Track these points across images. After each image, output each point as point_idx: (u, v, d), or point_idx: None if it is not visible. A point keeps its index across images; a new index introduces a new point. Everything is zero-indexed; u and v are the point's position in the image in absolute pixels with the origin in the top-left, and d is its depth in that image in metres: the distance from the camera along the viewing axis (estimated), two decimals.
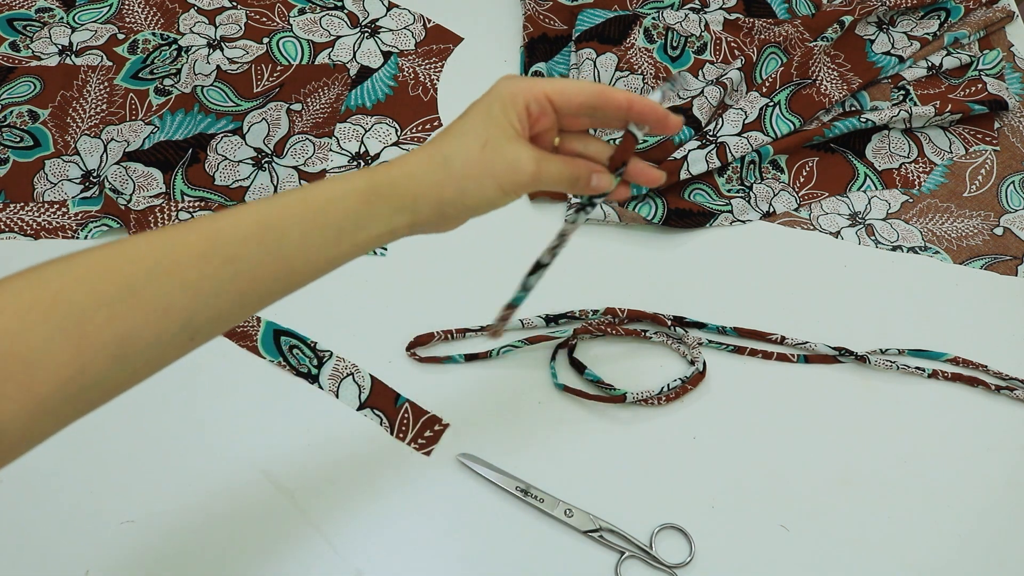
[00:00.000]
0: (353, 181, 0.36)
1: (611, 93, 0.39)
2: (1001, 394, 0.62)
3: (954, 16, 0.80)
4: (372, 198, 0.37)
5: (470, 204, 0.39)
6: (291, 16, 0.78)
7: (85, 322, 0.30)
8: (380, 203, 0.37)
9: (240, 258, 0.33)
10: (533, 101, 0.39)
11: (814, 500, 0.57)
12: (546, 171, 0.39)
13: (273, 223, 0.34)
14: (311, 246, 0.35)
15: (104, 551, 0.53)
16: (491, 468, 0.56)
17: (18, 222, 0.66)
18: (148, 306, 0.31)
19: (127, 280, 0.31)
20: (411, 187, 0.37)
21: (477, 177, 0.38)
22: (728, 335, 0.63)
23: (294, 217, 0.35)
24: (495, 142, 0.38)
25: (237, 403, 0.58)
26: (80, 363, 0.30)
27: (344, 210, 0.36)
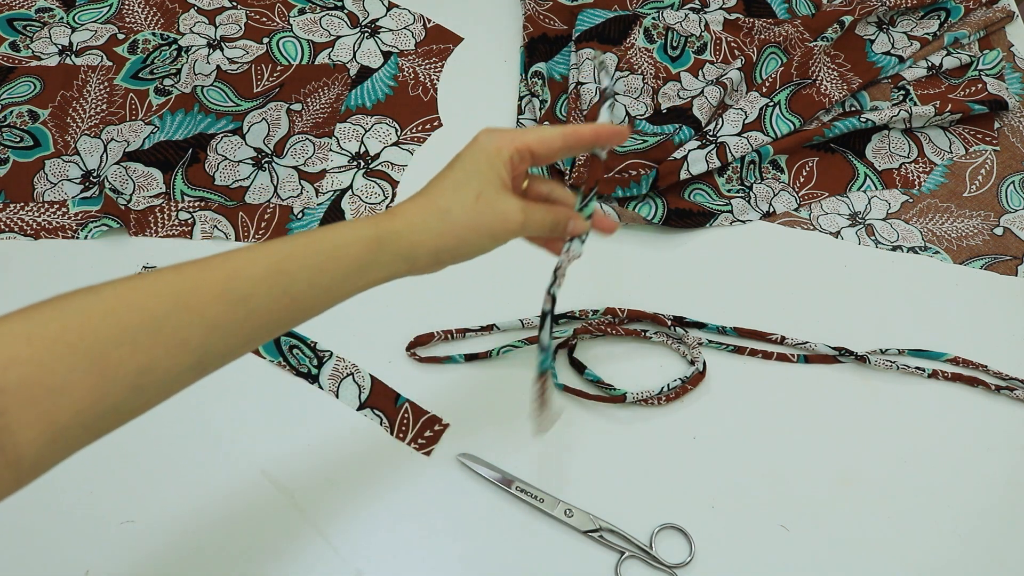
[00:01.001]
0: (360, 230, 0.39)
1: (580, 132, 0.43)
2: (1001, 394, 0.62)
3: (954, 16, 0.80)
4: (376, 247, 0.39)
5: (465, 253, 0.42)
6: (291, 16, 0.78)
7: (109, 354, 0.32)
8: (384, 252, 0.40)
9: (254, 297, 0.35)
10: (516, 153, 0.42)
11: (814, 500, 0.57)
12: (532, 220, 0.43)
13: (285, 268, 0.36)
14: (318, 288, 0.38)
15: (104, 551, 0.53)
16: (491, 468, 0.56)
17: (18, 222, 0.66)
18: (168, 340, 0.33)
19: (151, 315, 0.33)
20: (412, 237, 0.40)
21: (474, 228, 0.41)
22: (728, 335, 0.63)
23: (304, 261, 0.37)
24: (487, 195, 0.41)
25: (237, 403, 0.58)
26: (100, 392, 0.32)
27: (351, 257, 0.39)
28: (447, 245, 0.41)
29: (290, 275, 0.37)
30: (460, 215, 0.40)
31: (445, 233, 0.41)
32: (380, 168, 0.70)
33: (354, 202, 0.68)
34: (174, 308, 0.34)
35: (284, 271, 0.36)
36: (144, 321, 0.33)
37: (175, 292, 0.34)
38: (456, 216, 0.40)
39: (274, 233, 0.66)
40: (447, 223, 0.40)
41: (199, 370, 0.36)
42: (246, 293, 0.35)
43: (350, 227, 0.39)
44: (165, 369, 0.34)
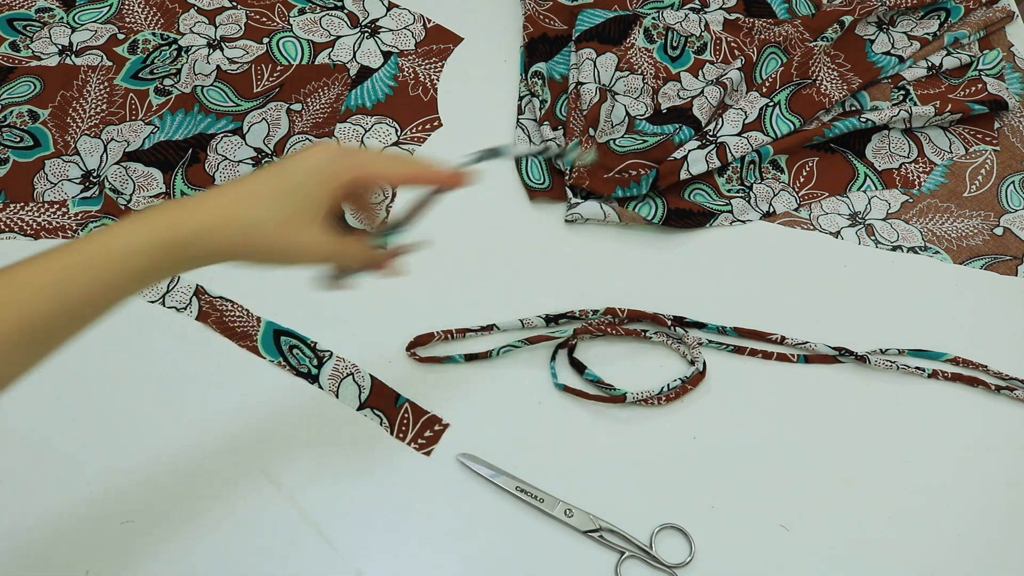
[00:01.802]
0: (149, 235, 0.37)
1: (425, 177, 0.43)
2: (1001, 394, 0.62)
3: (954, 16, 0.80)
4: (173, 252, 0.38)
5: (259, 263, 0.41)
6: (291, 16, 0.78)
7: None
8: (181, 256, 0.38)
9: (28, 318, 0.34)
10: (354, 183, 0.41)
11: (814, 500, 0.57)
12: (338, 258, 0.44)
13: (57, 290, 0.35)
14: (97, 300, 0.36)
15: (104, 551, 0.53)
16: (491, 468, 0.56)
17: (18, 222, 0.66)
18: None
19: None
20: (211, 240, 0.38)
21: (271, 247, 0.40)
22: (728, 335, 0.63)
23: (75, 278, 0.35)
24: (297, 221, 0.39)
25: (237, 403, 0.58)
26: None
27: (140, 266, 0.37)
28: (243, 254, 0.40)
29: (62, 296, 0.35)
30: (263, 232, 0.39)
31: (243, 244, 0.39)
32: None
33: None
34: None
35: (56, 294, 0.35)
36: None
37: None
38: (259, 232, 0.39)
39: None
40: (248, 235, 0.39)
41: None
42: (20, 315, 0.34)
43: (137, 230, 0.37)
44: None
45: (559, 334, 0.61)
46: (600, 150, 0.70)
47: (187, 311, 0.62)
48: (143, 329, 0.61)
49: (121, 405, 0.58)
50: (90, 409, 0.58)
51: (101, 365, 0.59)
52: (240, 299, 0.63)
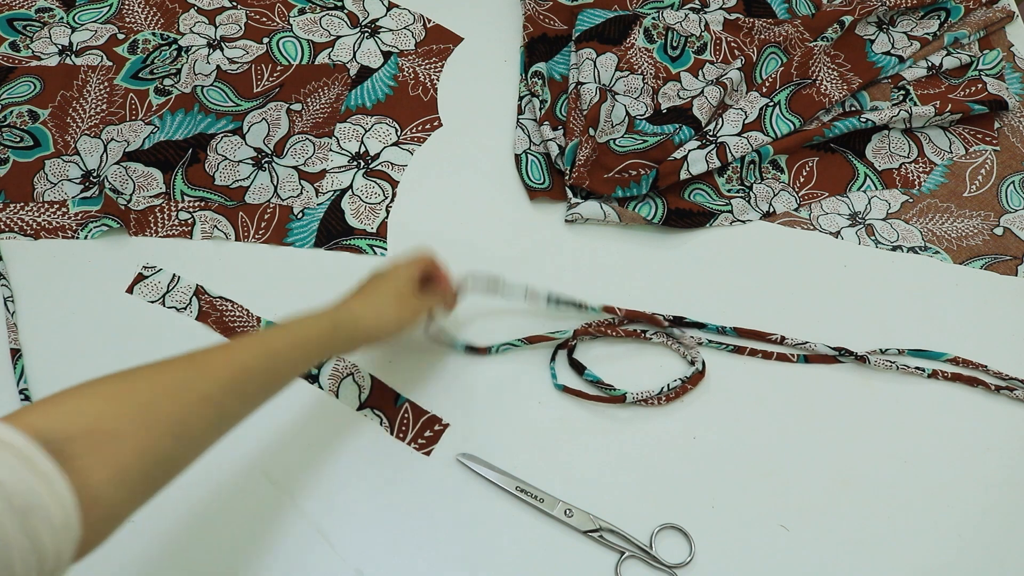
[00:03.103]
0: (323, 322, 0.50)
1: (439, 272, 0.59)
2: (1001, 394, 0.62)
3: (954, 16, 0.80)
4: (335, 334, 0.50)
5: (388, 338, 0.53)
6: (291, 16, 0.78)
7: (151, 405, 0.39)
8: (337, 337, 0.50)
9: (251, 368, 0.45)
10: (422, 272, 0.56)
11: (814, 500, 0.57)
12: (432, 305, 0.57)
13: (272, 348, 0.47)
14: (294, 365, 0.48)
15: (104, 551, 0.53)
16: (491, 468, 0.56)
17: (18, 222, 0.66)
18: (194, 397, 0.41)
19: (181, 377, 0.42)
20: (358, 324, 0.52)
21: (394, 322, 0.53)
22: (728, 335, 0.63)
23: (285, 343, 0.47)
24: (404, 299, 0.54)
25: None
26: (149, 439, 0.38)
27: (316, 340, 0.49)
28: (379, 331, 0.52)
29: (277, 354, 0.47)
30: (388, 316, 0.53)
31: (378, 325, 0.52)
32: (380, 168, 0.70)
33: (354, 202, 0.68)
34: (197, 373, 0.42)
35: (272, 351, 0.47)
36: (175, 381, 0.41)
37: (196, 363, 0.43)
38: (385, 317, 0.53)
39: (274, 233, 0.66)
40: (381, 318, 0.53)
41: (219, 426, 0.43)
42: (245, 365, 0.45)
43: (316, 320, 0.50)
44: (197, 424, 0.41)
45: (559, 335, 0.61)
46: (600, 150, 0.70)
47: (187, 311, 0.62)
48: (144, 329, 0.61)
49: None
50: None
51: (101, 365, 0.59)
52: (240, 299, 0.63)
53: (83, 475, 0.34)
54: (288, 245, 0.66)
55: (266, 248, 0.66)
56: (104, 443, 0.36)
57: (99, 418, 0.37)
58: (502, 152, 0.71)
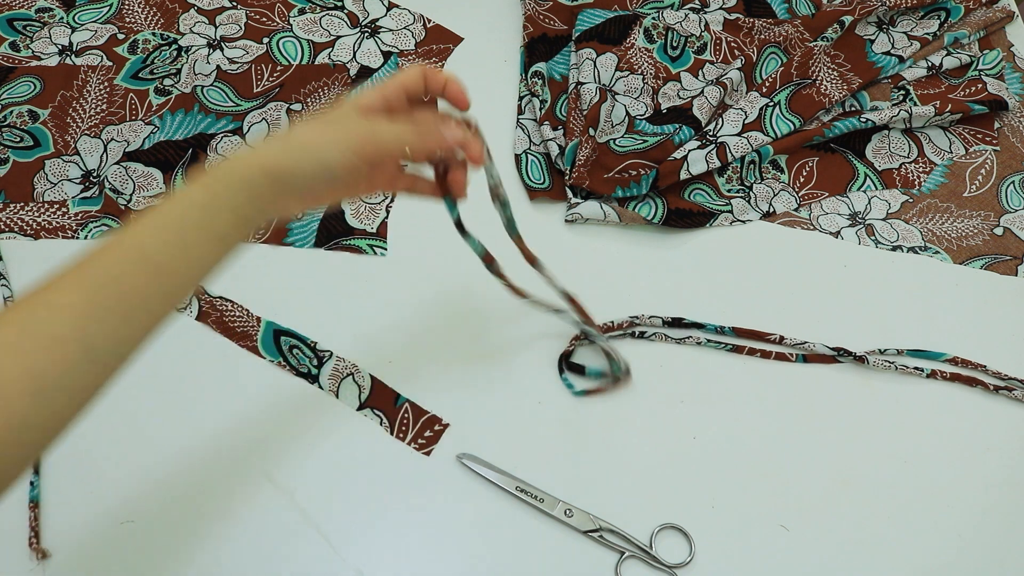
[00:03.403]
0: (193, 176, 0.39)
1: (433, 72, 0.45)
2: (999, 394, 0.62)
3: (954, 16, 0.80)
4: (209, 181, 0.39)
5: (307, 170, 0.40)
6: (291, 16, 0.78)
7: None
8: (217, 184, 0.39)
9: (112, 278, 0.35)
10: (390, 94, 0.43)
11: (814, 500, 0.57)
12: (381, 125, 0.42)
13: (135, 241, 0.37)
14: (176, 248, 0.37)
15: (104, 551, 0.53)
16: (491, 468, 0.56)
17: (18, 222, 0.66)
18: (42, 339, 0.34)
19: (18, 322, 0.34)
20: (246, 159, 0.39)
21: (314, 143, 0.40)
22: (726, 335, 0.63)
23: (149, 227, 0.37)
24: (338, 119, 0.41)
25: (237, 403, 0.58)
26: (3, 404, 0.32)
27: (189, 203, 0.38)
28: (285, 163, 0.39)
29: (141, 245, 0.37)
30: (302, 133, 0.40)
31: (283, 151, 0.39)
32: None
33: (354, 202, 0.68)
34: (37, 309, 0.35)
35: (135, 244, 0.36)
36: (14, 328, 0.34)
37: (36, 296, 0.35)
38: (297, 135, 0.40)
39: (274, 233, 0.66)
40: (285, 142, 0.39)
41: (95, 363, 0.35)
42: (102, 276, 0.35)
43: (193, 180, 0.39)
44: (55, 371, 0.34)
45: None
46: (600, 150, 0.70)
47: (187, 311, 0.62)
48: None
49: (121, 405, 0.58)
50: None
51: None
52: (240, 299, 0.63)
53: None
54: (288, 245, 0.66)
55: (266, 248, 0.66)
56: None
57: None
58: (502, 152, 0.71)
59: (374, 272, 0.65)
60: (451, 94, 0.45)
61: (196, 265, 0.38)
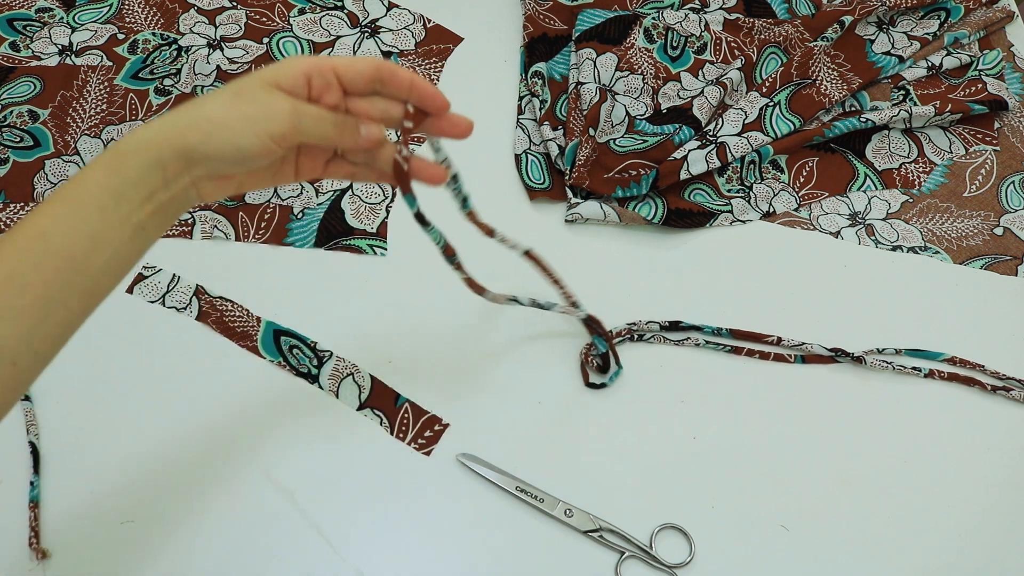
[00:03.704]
0: (99, 157, 0.36)
1: (397, 69, 0.40)
2: (997, 394, 0.62)
3: (954, 16, 0.80)
4: (118, 164, 0.35)
5: (217, 150, 0.36)
6: (291, 16, 0.78)
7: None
8: (126, 167, 0.35)
9: (18, 272, 0.33)
10: (317, 74, 0.38)
11: (814, 500, 0.57)
12: (305, 111, 0.37)
13: (36, 230, 0.34)
14: (82, 236, 0.34)
15: (104, 551, 0.53)
16: (491, 468, 0.56)
17: (18, 222, 0.66)
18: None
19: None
20: (155, 139, 0.36)
21: (225, 120, 0.36)
22: (723, 336, 0.63)
23: (53, 214, 0.34)
24: (250, 90, 0.37)
25: (237, 403, 0.58)
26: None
27: (96, 187, 0.35)
28: (192, 141, 0.36)
29: (45, 235, 0.33)
30: (211, 107, 0.36)
31: (189, 128, 0.36)
32: None
33: (354, 202, 0.68)
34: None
35: (37, 233, 0.33)
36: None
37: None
38: (207, 110, 0.36)
39: (274, 233, 0.66)
40: (192, 117, 0.36)
41: (11, 364, 0.33)
42: (8, 271, 0.33)
43: (93, 159, 0.35)
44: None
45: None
46: (600, 150, 0.70)
47: (187, 311, 0.62)
48: (143, 329, 0.61)
49: (121, 405, 0.58)
50: (90, 409, 0.58)
51: (101, 365, 0.59)
52: (240, 299, 0.63)
53: None
54: (288, 245, 0.66)
55: (266, 248, 0.66)
56: None
57: None
58: (502, 152, 0.71)
59: (374, 272, 0.65)
60: (421, 95, 0.41)
61: (113, 256, 0.35)
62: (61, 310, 0.34)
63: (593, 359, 0.60)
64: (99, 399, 0.58)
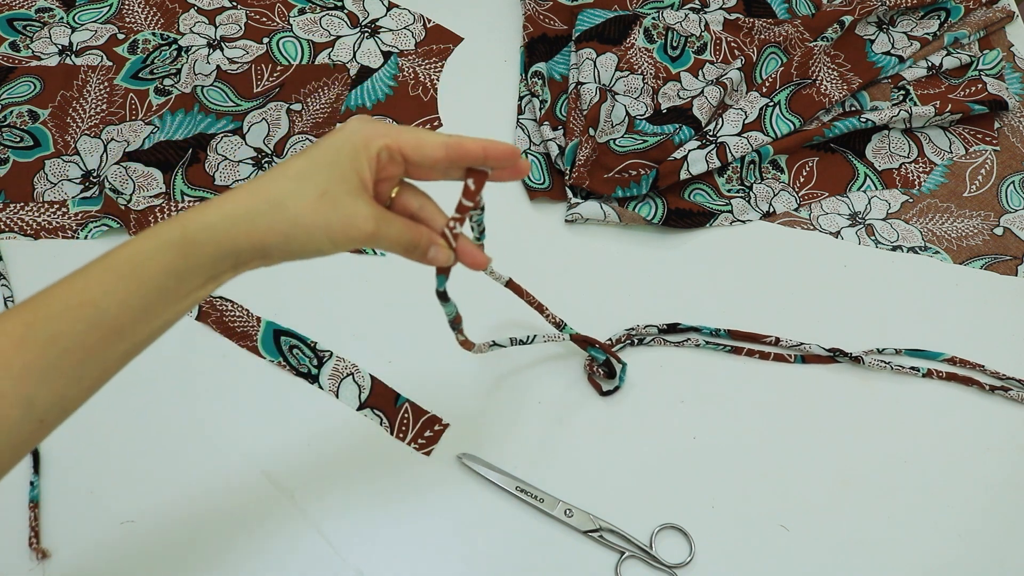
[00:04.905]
0: (164, 234, 0.35)
1: (466, 144, 0.39)
2: (996, 394, 0.62)
3: (954, 16, 0.80)
4: (188, 250, 0.35)
5: (295, 251, 0.37)
6: (291, 16, 0.78)
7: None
8: (198, 254, 0.35)
9: (62, 336, 0.33)
10: (385, 151, 0.38)
11: (814, 500, 0.57)
12: (384, 233, 0.38)
13: (87, 298, 0.33)
14: (134, 310, 0.34)
15: (104, 551, 0.53)
16: (491, 468, 0.56)
17: (18, 222, 0.66)
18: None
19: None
20: (231, 231, 0.35)
21: (308, 227, 0.36)
22: (722, 337, 0.63)
23: (106, 286, 0.34)
24: (334, 193, 0.36)
25: (237, 403, 0.58)
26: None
27: (158, 268, 0.35)
28: (272, 241, 0.35)
29: (95, 304, 0.33)
30: (295, 210, 0.35)
31: (270, 228, 0.35)
32: None
33: None
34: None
35: (86, 301, 0.33)
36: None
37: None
38: (290, 211, 0.35)
39: None
40: (274, 217, 0.35)
41: (36, 421, 0.33)
42: (52, 334, 0.33)
43: (153, 233, 0.35)
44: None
45: None
46: (600, 150, 0.70)
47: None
48: None
49: (120, 405, 0.58)
50: (89, 409, 0.58)
51: None
52: (240, 299, 0.63)
53: None
54: None
55: None
56: None
57: None
58: None
59: (374, 272, 0.65)
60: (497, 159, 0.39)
61: (161, 326, 0.36)
62: (97, 371, 0.35)
63: (598, 368, 0.60)
64: (99, 399, 0.58)
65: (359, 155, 0.37)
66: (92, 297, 0.33)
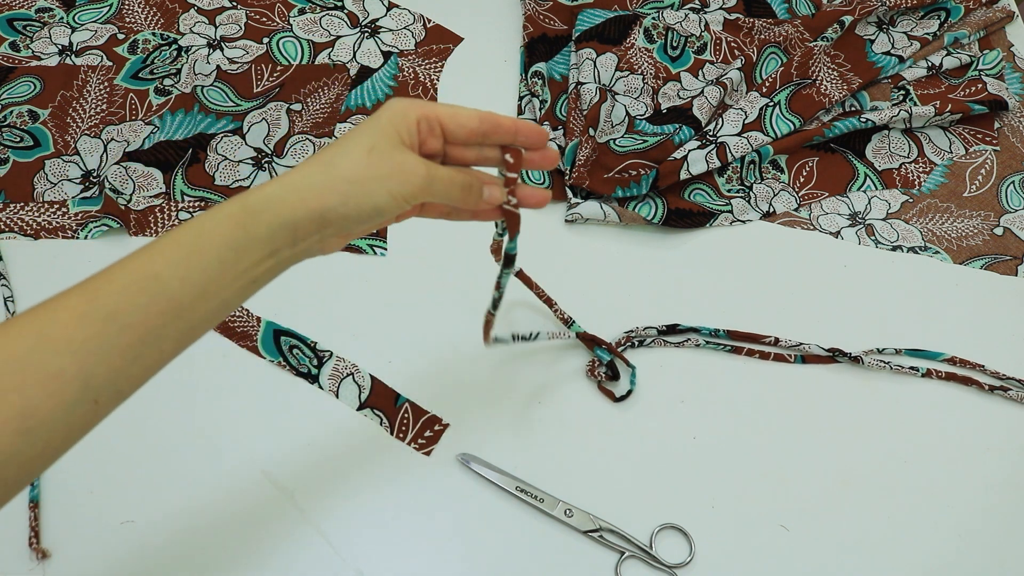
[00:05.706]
0: (225, 208, 0.35)
1: (500, 120, 0.40)
2: (995, 394, 0.62)
3: (954, 16, 0.80)
4: (247, 220, 0.35)
5: (354, 211, 0.37)
6: (291, 16, 0.78)
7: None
8: (257, 224, 0.35)
9: (123, 311, 0.33)
10: (424, 119, 0.39)
11: (814, 500, 0.57)
12: (437, 176, 0.38)
13: (150, 271, 0.34)
14: (194, 285, 0.34)
15: (104, 551, 0.53)
16: (491, 468, 0.56)
17: (18, 222, 0.66)
18: (39, 375, 0.31)
19: (14, 355, 0.32)
20: (289, 199, 0.36)
21: (363, 181, 0.36)
22: (721, 338, 0.63)
23: (170, 257, 0.34)
24: (382, 147, 0.37)
25: (237, 403, 0.58)
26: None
27: (219, 238, 0.35)
28: (330, 203, 0.36)
29: (157, 277, 0.33)
30: (348, 167, 0.36)
31: (326, 189, 0.35)
32: None
33: None
34: (38, 341, 0.32)
35: (149, 275, 0.33)
36: (7, 362, 0.31)
37: (37, 325, 0.32)
38: (342, 169, 0.36)
39: None
40: (329, 176, 0.36)
41: (91, 400, 0.33)
42: (112, 309, 0.32)
43: (216, 208, 0.35)
44: (49, 407, 0.32)
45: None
46: (600, 150, 0.70)
47: None
48: None
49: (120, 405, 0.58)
50: None
51: None
52: None
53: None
54: None
55: None
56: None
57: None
58: None
59: (374, 272, 0.65)
60: (527, 138, 0.41)
61: (219, 306, 0.35)
62: (154, 352, 0.35)
63: (599, 371, 0.59)
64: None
65: (397, 120, 0.38)
66: (156, 270, 0.33)
